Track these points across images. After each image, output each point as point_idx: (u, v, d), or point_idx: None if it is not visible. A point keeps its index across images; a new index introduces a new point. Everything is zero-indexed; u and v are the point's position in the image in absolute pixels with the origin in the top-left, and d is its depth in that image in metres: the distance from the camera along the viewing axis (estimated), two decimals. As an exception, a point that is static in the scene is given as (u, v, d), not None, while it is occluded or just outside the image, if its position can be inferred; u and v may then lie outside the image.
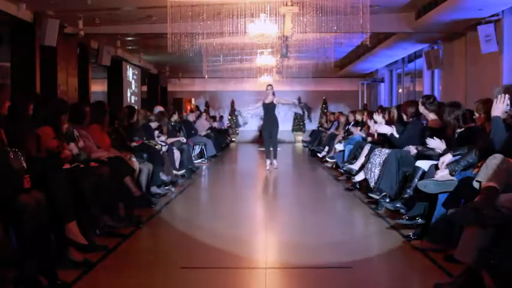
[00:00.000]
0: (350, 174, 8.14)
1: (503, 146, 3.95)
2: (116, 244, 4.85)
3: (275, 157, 11.26)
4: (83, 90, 12.99)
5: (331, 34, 11.75)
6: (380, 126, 7.17)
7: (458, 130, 5.41)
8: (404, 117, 6.97)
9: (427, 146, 5.53)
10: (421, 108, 6.38)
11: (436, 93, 14.16)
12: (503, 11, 9.81)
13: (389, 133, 6.85)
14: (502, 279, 3.31)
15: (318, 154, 12.91)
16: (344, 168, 8.40)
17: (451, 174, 4.58)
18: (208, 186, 9.85)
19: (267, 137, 11.32)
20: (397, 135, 6.84)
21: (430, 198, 4.74)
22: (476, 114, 4.99)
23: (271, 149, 11.26)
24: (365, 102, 21.38)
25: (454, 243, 3.89)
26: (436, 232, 4.59)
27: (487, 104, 4.80)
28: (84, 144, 5.75)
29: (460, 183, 4.40)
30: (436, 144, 5.35)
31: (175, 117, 11.88)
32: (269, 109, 11.30)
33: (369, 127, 9.22)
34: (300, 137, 22.41)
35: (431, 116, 6.24)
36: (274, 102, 11.34)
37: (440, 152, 5.26)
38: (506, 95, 4.04)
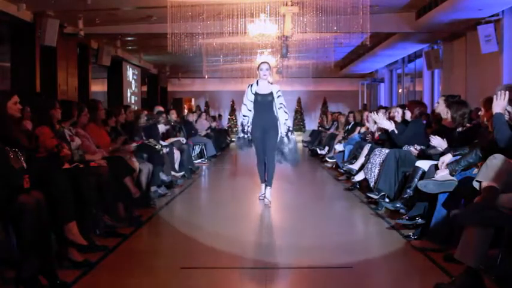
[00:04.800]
0: (350, 174, 8.14)
1: (507, 143, 3.94)
2: (116, 244, 4.85)
3: (269, 184, 6.98)
4: (83, 90, 13.00)
5: (331, 34, 11.76)
6: (381, 120, 7.17)
7: (459, 129, 5.41)
8: (409, 115, 7.01)
9: (429, 143, 5.52)
10: (439, 108, 6.25)
11: (436, 93, 14.18)
12: (503, 11, 9.82)
13: (390, 129, 6.86)
14: (502, 279, 3.31)
15: (318, 151, 12.89)
16: (344, 168, 8.40)
17: (451, 174, 4.58)
18: (208, 186, 9.84)
19: (259, 148, 7.08)
20: (396, 132, 6.86)
21: (430, 198, 4.74)
22: (483, 110, 4.89)
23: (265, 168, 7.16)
24: (365, 102, 21.40)
25: (454, 243, 3.89)
26: (436, 232, 4.59)
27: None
28: (84, 145, 5.75)
29: (460, 183, 4.40)
30: (438, 142, 5.35)
31: (173, 115, 11.84)
32: (264, 103, 7.00)
33: (368, 128, 9.23)
34: (299, 137, 22.44)
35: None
36: (273, 92, 7.00)
37: (442, 150, 5.25)
38: (507, 92, 4.03)
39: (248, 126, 7.13)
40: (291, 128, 7.18)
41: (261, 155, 7.15)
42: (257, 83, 7.10)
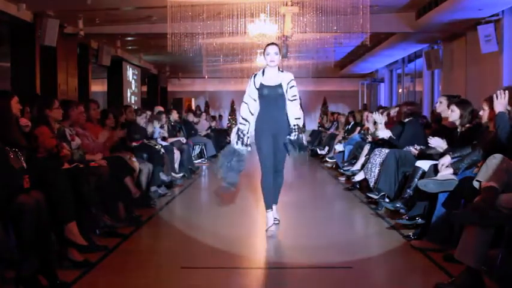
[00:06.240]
0: (350, 173, 8.14)
1: (511, 142, 3.94)
2: (115, 244, 4.85)
3: (275, 201, 5.67)
4: (83, 90, 12.99)
5: (331, 34, 11.75)
6: (379, 131, 7.19)
7: (460, 129, 5.41)
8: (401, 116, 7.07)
9: (429, 144, 5.52)
10: (441, 107, 6.23)
11: (436, 93, 14.18)
12: (503, 11, 9.81)
13: (387, 136, 6.87)
14: (502, 279, 3.31)
15: (318, 151, 12.90)
16: (347, 173, 8.38)
17: (455, 172, 4.59)
18: (208, 186, 9.84)
19: (267, 157, 5.40)
20: (394, 137, 6.87)
21: (430, 198, 4.75)
22: (486, 109, 4.85)
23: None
24: (365, 102, 21.38)
25: (454, 243, 3.90)
26: (436, 232, 4.59)
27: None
28: (83, 144, 5.75)
29: (460, 183, 4.40)
30: (436, 143, 5.34)
31: (174, 116, 11.86)
32: (272, 97, 5.40)
33: (368, 128, 9.24)
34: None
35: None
36: (284, 83, 5.38)
37: (442, 150, 5.25)
38: (506, 91, 4.05)
39: (248, 137, 5.47)
40: (302, 128, 5.55)
41: (268, 166, 5.36)
42: (263, 72, 5.45)
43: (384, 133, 6.91)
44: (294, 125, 5.41)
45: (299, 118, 5.45)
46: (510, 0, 9.12)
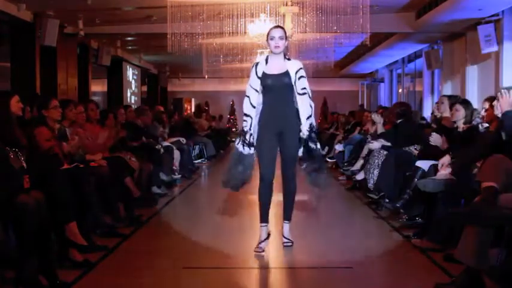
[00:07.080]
0: (351, 173, 8.15)
1: None
2: (115, 244, 4.85)
3: (287, 217, 4.96)
4: (83, 90, 12.99)
5: (331, 34, 11.75)
6: (370, 143, 7.29)
7: (460, 129, 5.41)
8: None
9: (430, 142, 5.52)
10: (442, 107, 6.25)
11: (435, 93, 14.18)
12: (503, 11, 9.81)
13: (379, 147, 6.93)
14: (502, 279, 3.31)
15: None
16: (347, 173, 8.40)
17: (455, 172, 4.59)
18: (208, 186, 9.84)
19: (266, 162, 4.66)
20: (387, 143, 6.93)
21: (430, 198, 4.75)
22: (486, 106, 4.83)
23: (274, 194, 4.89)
24: (361, 103, 21.36)
25: (454, 243, 3.90)
26: (436, 232, 4.59)
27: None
28: (83, 143, 5.75)
29: (460, 183, 4.40)
30: (437, 140, 5.34)
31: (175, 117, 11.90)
32: (277, 88, 4.62)
33: (368, 128, 9.25)
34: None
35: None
36: (291, 71, 4.59)
37: (441, 147, 5.25)
38: (511, 91, 4.04)
39: (251, 135, 4.67)
40: (315, 129, 4.75)
41: (267, 171, 4.63)
42: (266, 60, 4.68)
43: (375, 145, 7.01)
44: (309, 129, 4.67)
45: (311, 115, 4.68)
46: (510, 0, 9.12)
